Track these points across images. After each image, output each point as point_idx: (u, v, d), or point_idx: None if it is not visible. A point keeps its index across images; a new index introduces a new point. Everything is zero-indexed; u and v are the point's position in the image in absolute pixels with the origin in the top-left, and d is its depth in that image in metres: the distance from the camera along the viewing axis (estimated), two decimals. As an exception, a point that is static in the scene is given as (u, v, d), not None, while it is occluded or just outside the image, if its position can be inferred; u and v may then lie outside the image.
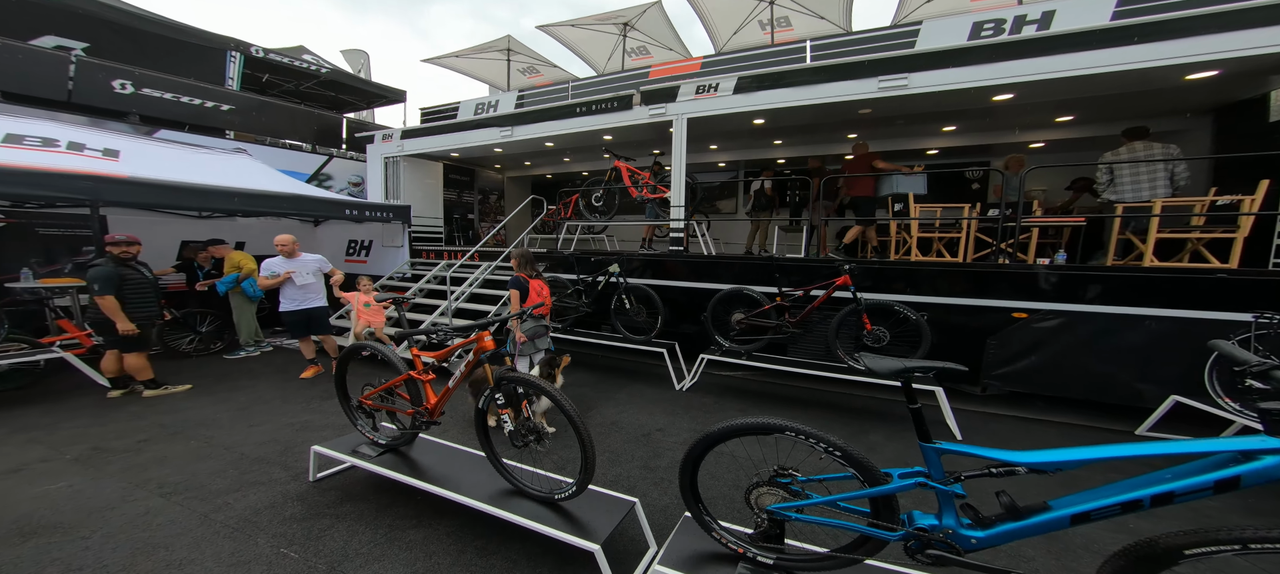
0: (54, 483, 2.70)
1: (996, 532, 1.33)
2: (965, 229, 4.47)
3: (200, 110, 8.00)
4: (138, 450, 3.15)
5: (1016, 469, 1.27)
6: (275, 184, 6.38)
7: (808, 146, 7.37)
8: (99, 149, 5.14)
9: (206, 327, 5.76)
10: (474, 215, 10.19)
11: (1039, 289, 3.77)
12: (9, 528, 2.27)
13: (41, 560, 2.03)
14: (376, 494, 2.58)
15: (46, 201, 5.08)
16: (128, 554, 2.08)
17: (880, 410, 4.04)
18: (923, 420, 1.45)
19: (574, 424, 1.91)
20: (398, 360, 2.54)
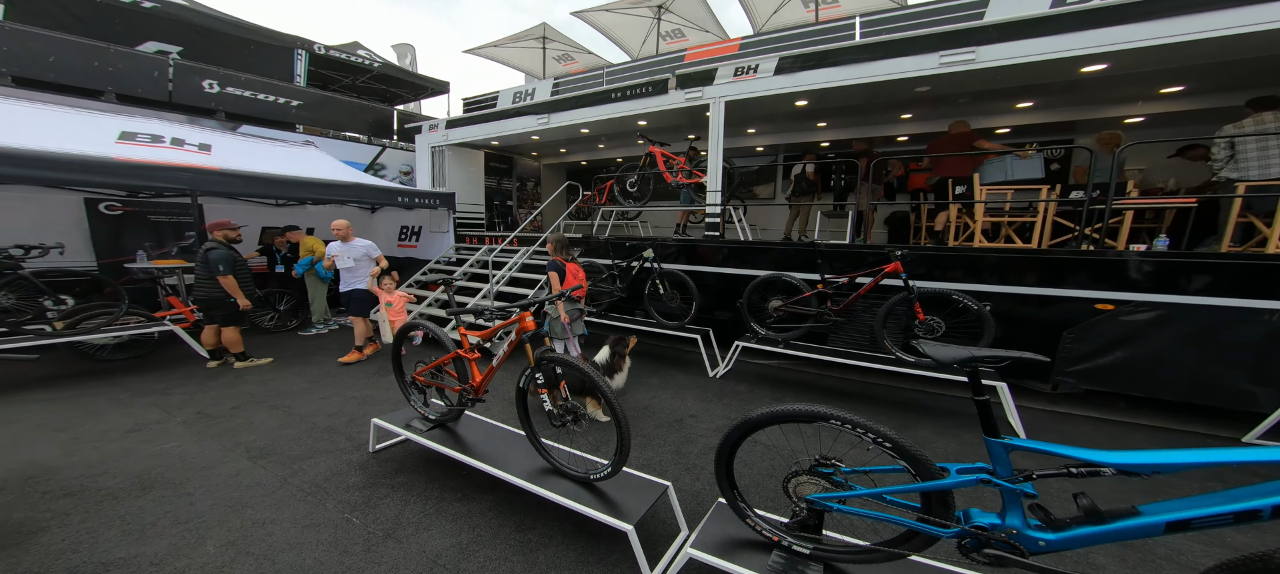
0: (166, 442, 3.15)
1: (1071, 535, 1.25)
2: (1043, 213, 4.04)
3: (274, 106, 8.72)
4: (230, 416, 3.60)
5: (1102, 470, 1.18)
6: (340, 174, 6.89)
7: (854, 129, 6.93)
8: (196, 144, 5.76)
9: (284, 305, 6.40)
10: (512, 202, 10.50)
11: (1130, 278, 3.36)
12: (133, 480, 2.68)
13: (157, 512, 2.39)
14: (426, 467, 2.80)
15: (155, 192, 5.77)
16: (222, 510, 2.40)
17: (929, 405, 3.83)
18: (990, 413, 1.36)
19: (611, 406, 1.97)
20: (447, 339, 2.72)
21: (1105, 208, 3.46)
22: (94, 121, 5.52)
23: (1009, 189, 4.22)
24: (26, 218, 5.15)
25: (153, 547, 2.11)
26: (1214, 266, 3.21)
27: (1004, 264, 3.77)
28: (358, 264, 4.95)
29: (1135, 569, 2.03)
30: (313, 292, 6.23)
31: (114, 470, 2.77)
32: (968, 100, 5.54)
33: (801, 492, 1.68)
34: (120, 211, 5.86)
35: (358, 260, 4.94)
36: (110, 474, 2.73)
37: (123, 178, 4.62)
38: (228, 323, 4.66)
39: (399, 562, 2.02)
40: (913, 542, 1.52)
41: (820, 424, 1.51)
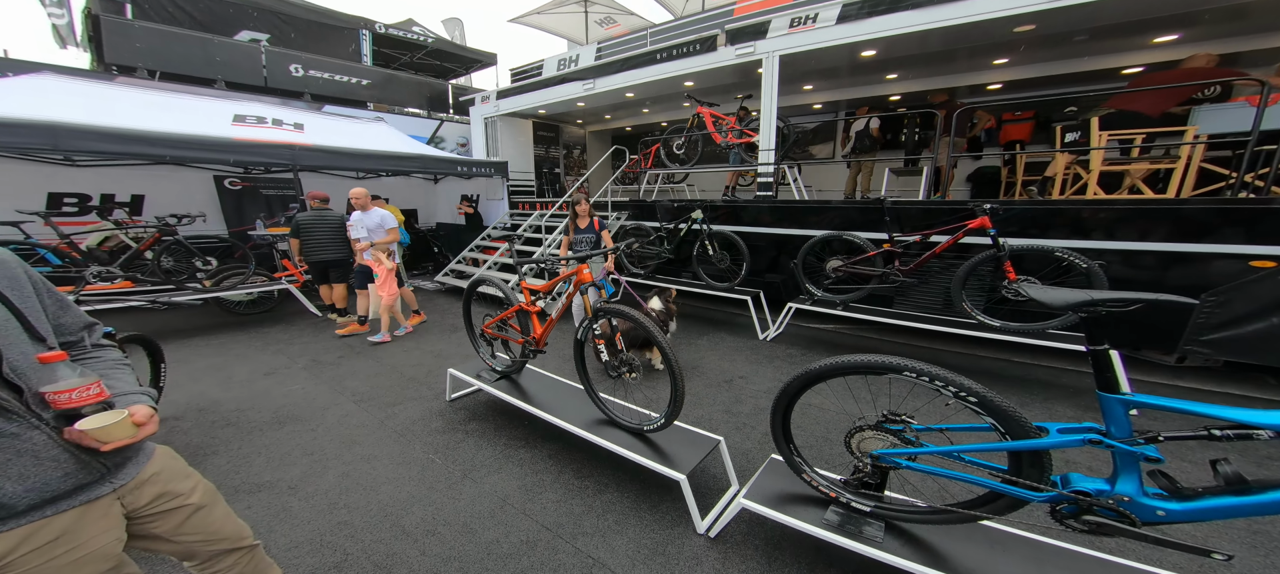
0: (292, 385, 3.77)
1: (1203, 506, 1.12)
2: (1187, 158, 3.41)
3: (348, 86, 9.43)
4: (337, 364, 4.21)
5: (1256, 433, 1.03)
6: (410, 147, 7.42)
7: (932, 78, 6.20)
8: (292, 123, 6.46)
9: (365, 269, 7.17)
10: (560, 170, 10.70)
11: None
12: (271, 415, 3.26)
13: (290, 444, 2.90)
14: (494, 416, 3.14)
15: (264, 168, 6.60)
16: (338, 446, 2.87)
17: (1010, 375, 3.57)
18: (1108, 365, 1.21)
19: (668, 358, 2.07)
20: (511, 294, 2.96)
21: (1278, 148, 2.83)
22: (212, 107, 6.33)
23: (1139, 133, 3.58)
24: (171, 193, 6.13)
25: (289, 473, 2.59)
26: None
27: (1125, 218, 3.25)
28: (372, 234, 4.76)
29: (1268, 556, 1.83)
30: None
31: (258, 406, 3.39)
32: (1086, 37, 4.70)
33: (866, 447, 1.62)
34: (240, 187, 6.78)
35: (372, 231, 4.74)
36: (255, 409, 3.35)
37: (240, 155, 5.36)
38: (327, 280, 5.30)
39: (475, 498, 2.32)
40: (994, 505, 1.41)
41: (892, 376, 1.41)
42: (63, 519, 0.95)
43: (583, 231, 4.36)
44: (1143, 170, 3.64)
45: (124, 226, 5.46)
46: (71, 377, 0.93)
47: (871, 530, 1.62)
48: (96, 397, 0.91)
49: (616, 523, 2.11)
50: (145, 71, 7.26)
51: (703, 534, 2.01)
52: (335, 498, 2.36)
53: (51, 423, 0.93)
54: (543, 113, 9.36)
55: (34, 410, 0.89)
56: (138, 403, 1.05)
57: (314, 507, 2.29)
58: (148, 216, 5.91)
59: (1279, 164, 2.85)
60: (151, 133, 4.71)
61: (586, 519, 2.15)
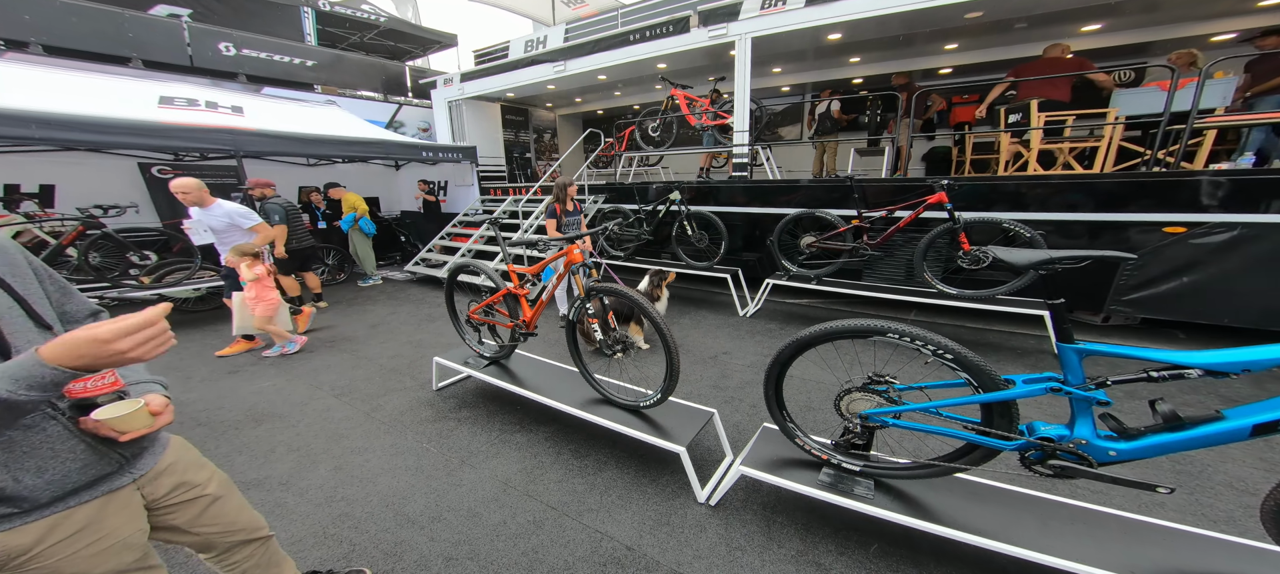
0: (262, 381, 3.58)
1: (1145, 444, 1.24)
2: (1109, 137, 3.80)
3: (290, 67, 8.70)
4: (308, 359, 4.02)
5: (1186, 372, 1.15)
6: (366, 132, 7.00)
7: (891, 62, 6.50)
8: (228, 106, 5.93)
9: (331, 259, 6.81)
10: (531, 154, 10.44)
11: (1204, 199, 3.18)
12: (244, 413, 3.10)
13: (273, 440, 2.79)
14: (486, 402, 3.13)
15: (200, 154, 6.04)
16: (325, 440, 2.79)
17: (969, 339, 3.85)
18: (1064, 319, 1.33)
19: (662, 333, 2.13)
20: (497, 278, 2.93)
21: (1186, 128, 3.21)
22: (133, 88, 5.70)
23: (1070, 115, 3.96)
24: (88, 182, 5.52)
25: (277, 469, 2.50)
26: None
27: (1058, 191, 3.60)
28: (225, 234, 3.89)
29: (1193, 494, 2.09)
30: (360, 246, 6.58)
31: (227, 405, 3.21)
32: (1025, 25, 5.08)
33: (855, 408, 1.73)
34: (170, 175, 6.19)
35: (222, 230, 3.89)
36: (225, 407, 3.17)
37: (170, 140, 4.87)
38: (305, 268, 5.10)
39: (476, 484, 2.33)
40: (971, 456, 1.52)
41: (876, 338, 1.51)
42: (86, 510, 0.93)
43: (570, 214, 4.36)
44: (1069, 149, 4.04)
45: (37, 220, 4.90)
46: None
47: (862, 489, 1.76)
48: (111, 386, 0.88)
49: (620, 498, 2.20)
50: (40, 47, 6.40)
51: (704, 503, 2.13)
52: (331, 491, 2.31)
53: (67, 413, 0.90)
54: (511, 96, 9.06)
55: (49, 400, 0.85)
56: (152, 391, 1.02)
57: (310, 501, 2.24)
58: (65, 208, 5.31)
59: (1186, 142, 3.25)
60: (58, 115, 4.16)
61: (590, 496, 2.22)
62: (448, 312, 3.38)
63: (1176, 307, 3.34)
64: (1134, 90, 4.05)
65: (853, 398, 1.75)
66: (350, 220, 6.27)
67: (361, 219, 6.28)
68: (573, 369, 2.70)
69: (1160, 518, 1.63)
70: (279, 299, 4.00)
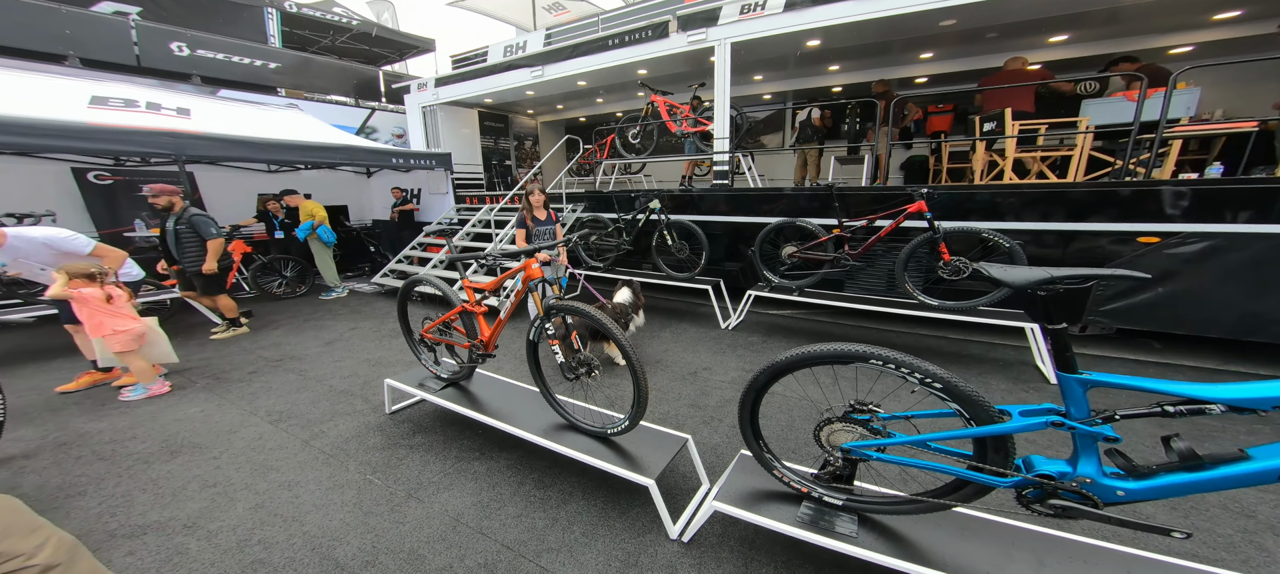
0: (189, 408, 3.20)
1: (1160, 484, 1.10)
2: (1080, 146, 3.80)
3: (251, 69, 8.31)
4: (248, 381, 3.65)
5: (1207, 407, 1.02)
6: (331, 136, 6.65)
7: (868, 71, 6.55)
8: (173, 108, 5.53)
9: (290, 271, 6.39)
10: (511, 161, 10.20)
11: (1179, 209, 3.15)
12: (159, 445, 2.74)
13: (186, 476, 2.45)
14: (443, 427, 2.84)
15: (142, 159, 5.61)
16: (248, 474, 2.45)
17: (951, 351, 3.78)
18: (1066, 345, 1.19)
19: (628, 357, 1.91)
20: (452, 294, 2.66)
21: (1155, 138, 3.21)
22: (63, 86, 5.27)
23: (1042, 124, 3.96)
24: (12, 189, 5.04)
25: (185, 509, 2.17)
26: (1273, 193, 2.93)
27: (1034, 200, 3.55)
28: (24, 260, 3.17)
29: (1187, 516, 1.97)
30: (319, 257, 6.19)
31: (142, 435, 2.83)
32: (996, 35, 5.14)
33: (836, 441, 1.57)
34: (110, 181, 5.73)
35: (26, 255, 3.14)
36: (139, 439, 2.79)
37: (98, 143, 4.46)
38: (209, 292, 4.57)
39: (422, 521, 2.05)
40: (961, 492, 1.40)
41: (858, 364, 1.36)
42: None
43: (542, 224, 4.11)
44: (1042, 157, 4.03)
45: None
46: None
47: (844, 524, 1.58)
48: None
49: (584, 535, 1.95)
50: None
51: (676, 540, 1.90)
52: (246, 533, 2.00)
53: None
54: (490, 102, 8.84)
55: None
56: None
57: (217, 546, 1.92)
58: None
59: (1155, 151, 3.24)
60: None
61: (551, 533, 1.96)
62: (401, 329, 3.10)
63: (1150, 317, 3.30)
64: (1101, 100, 4.09)
65: (834, 429, 1.58)
66: (307, 229, 5.90)
67: (320, 227, 5.92)
68: (537, 388, 2.45)
69: (1163, 553, 1.49)
70: (141, 329, 3.22)
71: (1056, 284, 1.18)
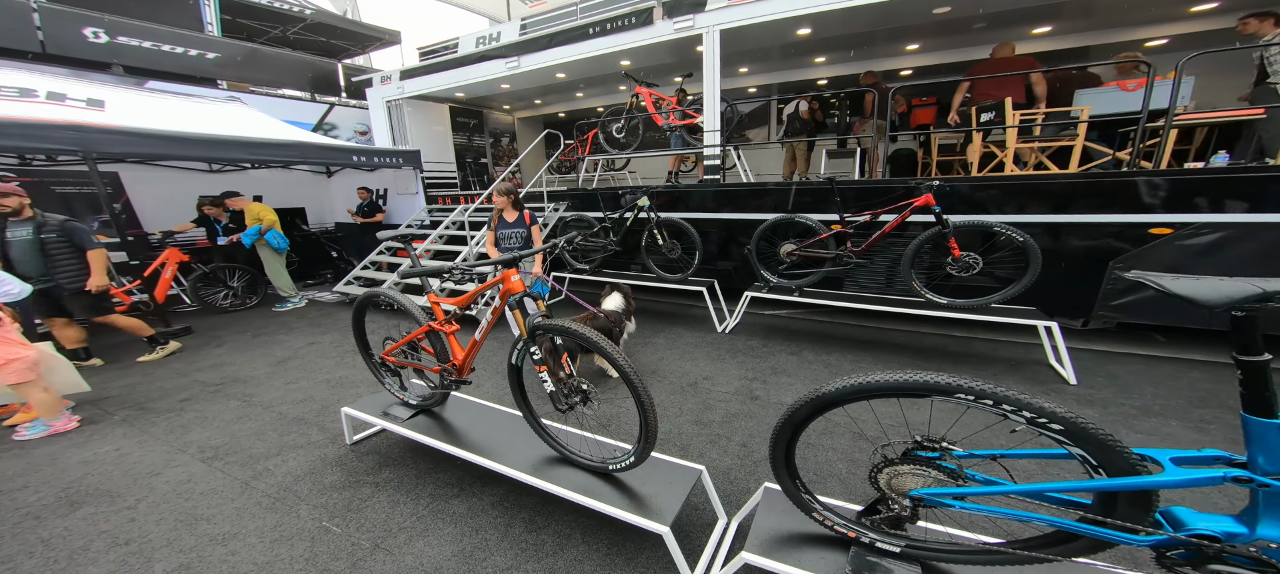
0: (101, 446, 2.69)
1: None
2: (1082, 135, 3.71)
3: (185, 59, 7.51)
4: (179, 410, 3.14)
5: None
6: (281, 133, 6.03)
7: (852, 64, 6.46)
8: (82, 99, 4.85)
9: (238, 281, 5.75)
10: (487, 159, 9.69)
11: (1194, 198, 3.01)
12: (58, 494, 2.25)
13: (89, 532, 1.99)
14: (415, 458, 2.46)
15: (48, 157, 4.89)
16: (171, 526, 2.02)
17: (957, 351, 3.60)
18: (1264, 381, 0.91)
19: (633, 385, 1.61)
20: (415, 310, 2.28)
21: (1165, 126, 3.11)
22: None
23: (1040, 114, 3.87)
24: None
25: (81, 582, 1.73)
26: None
27: (1039, 192, 3.40)
28: None
29: None
30: (269, 264, 5.59)
31: (36, 483, 2.34)
32: (984, 25, 5.10)
33: (902, 486, 1.28)
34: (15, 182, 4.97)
35: None
36: (32, 487, 2.30)
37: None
38: (92, 313, 3.70)
39: (391, 577, 1.71)
40: (1070, 546, 1.12)
41: (938, 398, 1.07)
42: None
43: (510, 225, 3.70)
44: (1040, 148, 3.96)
45: None
46: None
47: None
48: None
49: (586, 589, 1.64)
50: None
51: (696, 590, 1.61)
52: (158, 620, 1.58)
53: None
54: (462, 96, 8.33)
55: None
56: None
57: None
58: None
59: (1165, 141, 3.17)
60: None
61: (546, 589, 1.64)
62: (359, 350, 2.68)
63: (1164, 311, 3.22)
64: (1095, 90, 4.06)
65: (897, 473, 1.28)
66: (253, 234, 5.30)
67: (270, 232, 5.33)
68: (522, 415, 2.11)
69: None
70: (33, 355, 2.77)
71: (1272, 300, 0.87)
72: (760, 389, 3.08)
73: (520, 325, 1.82)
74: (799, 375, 3.25)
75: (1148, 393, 2.75)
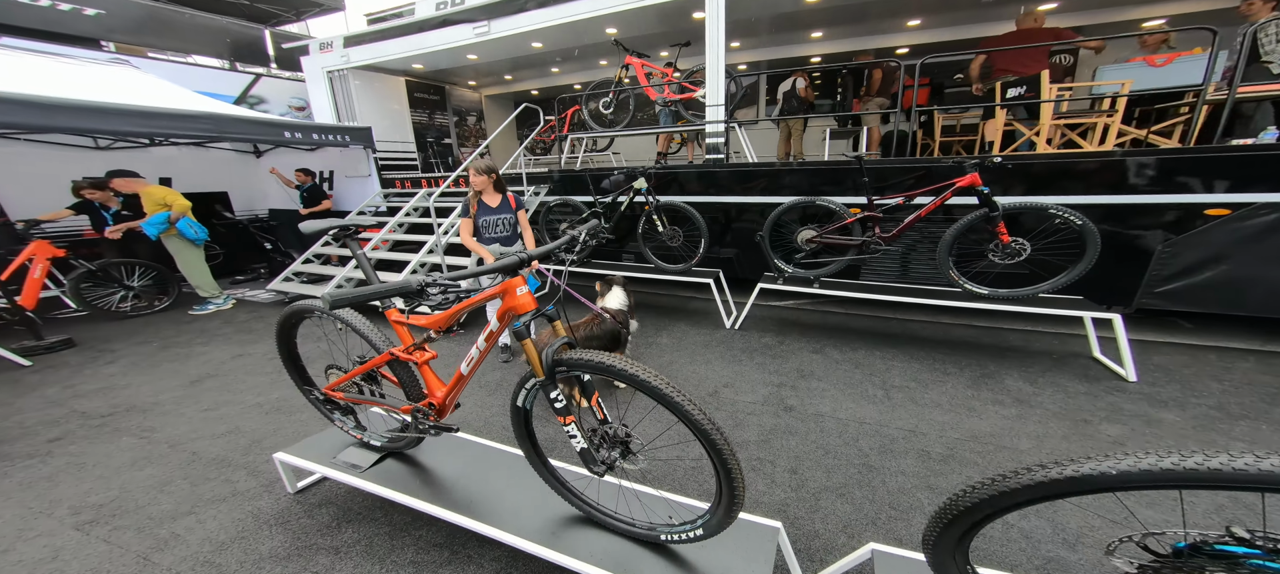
0: (-83, 521, 1.92)
1: None
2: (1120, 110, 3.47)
3: (53, 14, 6.12)
4: (46, 454, 2.37)
5: None
6: (189, 104, 4.97)
7: (850, 39, 6.17)
8: None
9: (140, 280, 4.73)
10: (451, 139, 8.76)
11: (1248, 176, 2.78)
12: None
13: None
14: (386, 511, 1.89)
15: None
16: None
17: (988, 342, 3.34)
18: None
19: (709, 440, 1.10)
20: (365, 329, 1.64)
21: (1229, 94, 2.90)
22: None
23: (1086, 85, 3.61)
24: None
25: None
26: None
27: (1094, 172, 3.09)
28: None
29: None
30: (182, 259, 4.63)
31: None
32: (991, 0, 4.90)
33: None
34: None
35: None
36: None
37: None
38: None
39: None
40: None
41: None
42: None
43: (493, 211, 3.06)
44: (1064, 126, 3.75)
45: None
46: None
47: None
48: None
49: None
50: None
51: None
52: None
53: None
54: (420, 68, 7.39)
55: None
56: None
57: None
58: None
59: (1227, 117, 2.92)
60: None
61: None
62: (292, 378, 2.03)
63: (1214, 297, 3.01)
64: (1120, 66, 3.85)
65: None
66: (159, 223, 4.33)
67: (182, 220, 4.39)
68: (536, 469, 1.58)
69: None
70: None
71: None
72: (792, 397, 2.70)
73: (533, 359, 1.26)
74: (831, 379, 2.90)
75: (1214, 390, 2.57)
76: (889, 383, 2.80)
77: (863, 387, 2.77)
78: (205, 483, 2.13)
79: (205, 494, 2.05)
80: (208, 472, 2.21)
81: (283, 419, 2.66)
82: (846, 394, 2.70)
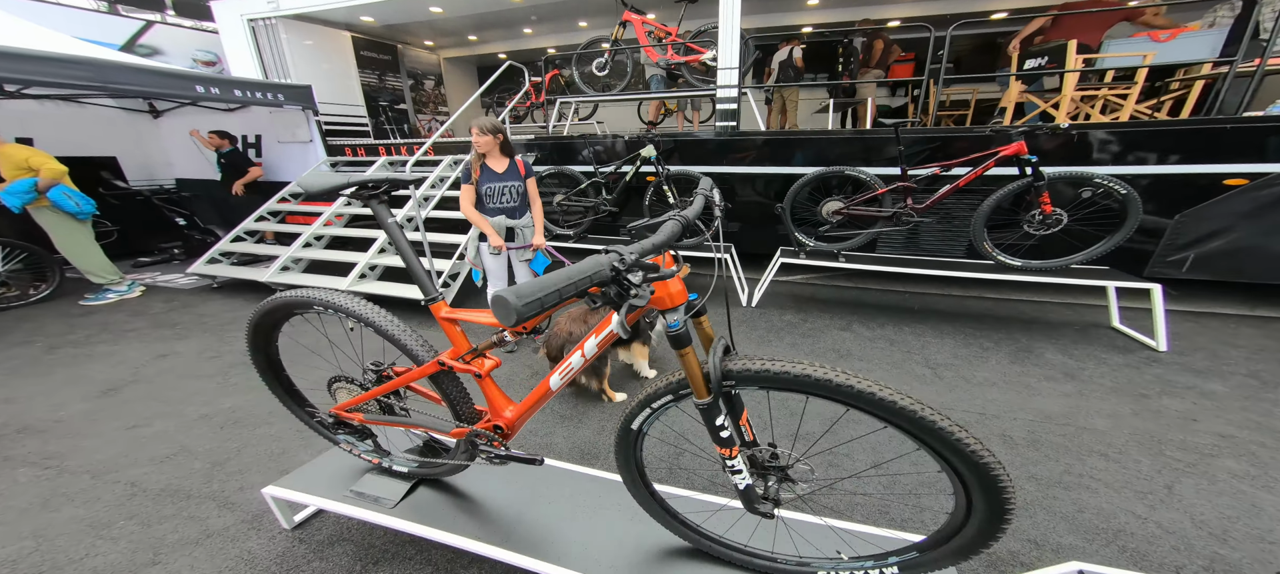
0: None
1: None
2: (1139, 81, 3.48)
3: None
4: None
5: None
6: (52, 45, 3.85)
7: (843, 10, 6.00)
8: None
9: (4, 263, 3.74)
10: (407, 105, 7.76)
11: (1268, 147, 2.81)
12: None
13: None
14: (420, 546, 1.50)
15: None
16: None
17: (1003, 314, 3.34)
18: None
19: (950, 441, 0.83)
20: (406, 337, 1.16)
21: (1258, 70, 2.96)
22: None
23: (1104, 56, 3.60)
24: None
25: None
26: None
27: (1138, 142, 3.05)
28: None
29: None
30: (64, 237, 3.68)
31: None
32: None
33: None
34: None
35: None
36: None
37: None
38: None
39: None
40: None
41: None
42: None
43: (499, 177, 2.61)
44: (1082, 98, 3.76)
45: None
46: None
47: None
48: None
49: None
50: None
51: None
52: None
53: None
54: (370, 21, 6.36)
55: None
56: None
57: None
58: None
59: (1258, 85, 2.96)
60: None
61: None
62: (272, 391, 1.52)
63: (1221, 265, 3.10)
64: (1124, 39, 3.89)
65: None
66: (22, 191, 3.37)
67: (55, 189, 3.45)
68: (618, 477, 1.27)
69: None
70: None
71: None
72: (841, 380, 2.54)
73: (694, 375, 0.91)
74: (872, 359, 2.78)
75: (1240, 359, 2.64)
76: (932, 361, 2.73)
77: (907, 365, 2.68)
78: (160, 522, 1.61)
79: (165, 537, 1.55)
80: (160, 507, 1.68)
81: (244, 434, 2.12)
82: (894, 375, 2.59)
